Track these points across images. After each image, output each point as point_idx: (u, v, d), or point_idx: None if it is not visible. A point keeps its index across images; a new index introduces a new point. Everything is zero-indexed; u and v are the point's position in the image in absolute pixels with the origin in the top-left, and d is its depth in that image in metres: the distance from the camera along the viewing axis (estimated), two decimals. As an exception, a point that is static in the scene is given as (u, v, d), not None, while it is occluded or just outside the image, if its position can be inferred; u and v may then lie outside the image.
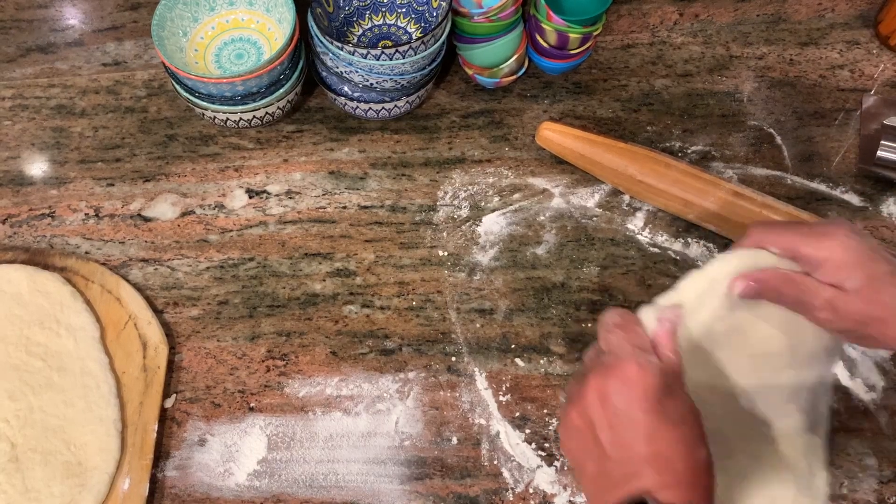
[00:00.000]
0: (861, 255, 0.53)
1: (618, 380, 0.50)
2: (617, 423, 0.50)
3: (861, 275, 0.53)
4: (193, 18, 0.80)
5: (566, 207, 0.78)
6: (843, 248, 0.54)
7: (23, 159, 0.81)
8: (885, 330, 0.53)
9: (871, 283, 0.53)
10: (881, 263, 0.53)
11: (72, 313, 0.70)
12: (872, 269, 0.53)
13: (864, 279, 0.53)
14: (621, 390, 0.50)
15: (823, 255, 0.54)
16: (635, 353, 0.51)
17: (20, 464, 0.63)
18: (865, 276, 0.53)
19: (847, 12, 0.89)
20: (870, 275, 0.53)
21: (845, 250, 0.54)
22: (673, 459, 0.49)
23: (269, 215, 0.77)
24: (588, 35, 0.79)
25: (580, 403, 0.52)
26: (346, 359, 0.70)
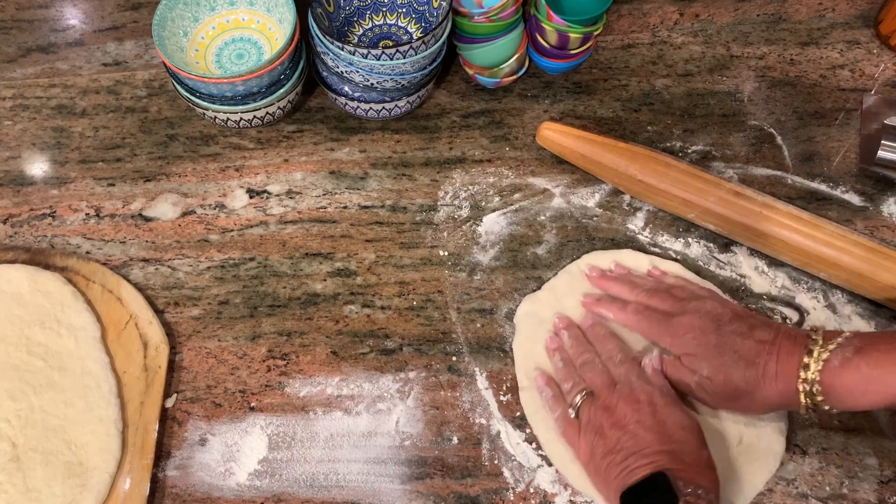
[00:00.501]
0: (706, 346, 0.62)
1: (629, 401, 0.61)
2: (627, 425, 0.59)
3: (707, 366, 0.61)
4: (194, 18, 0.80)
5: (567, 207, 0.78)
6: (689, 344, 0.63)
7: (23, 159, 0.81)
8: (750, 405, 0.61)
9: (719, 369, 0.61)
10: (726, 346, 0.61)
11: (72, 313, 0.70)
12: (717, 358, 0.61)
13: (711, 368, 0.61)
14: (631, 406, 0.60)
15: (677, 351, 0.64)
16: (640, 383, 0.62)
17: (21, 463, 0.63)
18: (711, 367, 0.61)
19: (847, 12, 0.89)
20: (716, 364, 0.61)
21: (692, 345, 0.62)
22: (684, 452, 0.57)
23: (270, 215, 0.77)
24: (588, 35, 0.79)
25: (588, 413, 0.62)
26: (346, 358, 0.70)
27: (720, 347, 0.61)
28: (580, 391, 0.63)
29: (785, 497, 0.64)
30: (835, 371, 0.57)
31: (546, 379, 0.67)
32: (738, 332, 0.61)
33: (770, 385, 0.59)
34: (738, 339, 0.61)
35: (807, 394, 0.58)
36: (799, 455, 0.65)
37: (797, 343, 0.59)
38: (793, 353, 0.59)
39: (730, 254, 0.75)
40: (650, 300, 0.68)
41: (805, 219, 0.71)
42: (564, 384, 0.66)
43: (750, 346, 0.60)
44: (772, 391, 0.59)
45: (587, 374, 0.65)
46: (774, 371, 0.59)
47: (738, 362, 0.60)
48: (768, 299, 0.72)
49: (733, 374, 0.60)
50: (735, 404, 0.62)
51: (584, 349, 0.67)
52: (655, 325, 0.65)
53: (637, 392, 0.61)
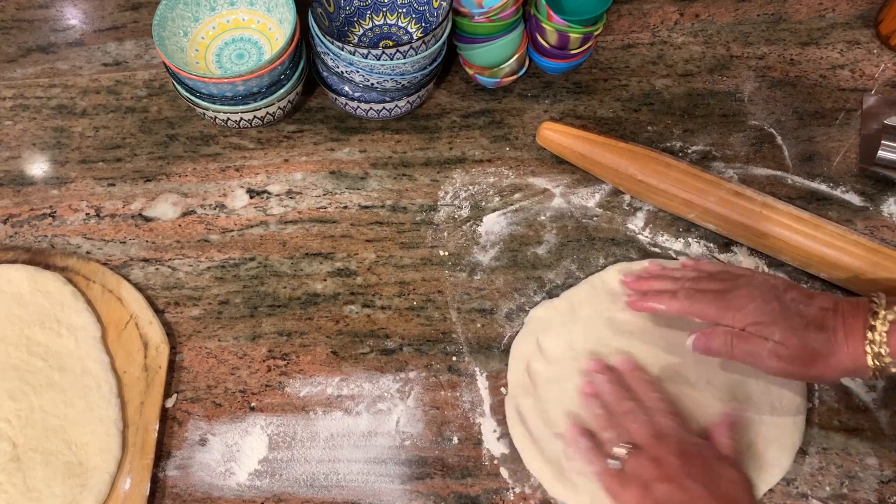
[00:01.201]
0: (772, 312, 0.60)
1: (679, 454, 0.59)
2: (677, 478, 0.57)
3: (779, 329, 0.60)
4: (194, 18, 0.80)
5: (567, 207, 0.78)
6: (754, 313, 0.61)
7: (24, 159, 0.81)
8: (824, 370, 0.60)
9: (791, 333, 0.59)
10: (791, 311, 0.60)
11: (73, 313, 0.70)
12: (788, 321, 0.60)
13: (783, 332, 0.59)
14: (682, 459, 0.58)
15: (742, 324, 0.61)
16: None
17: (21, 463, 0.63)
18: (783, 329, 0.59)
19: (847, 12, 0.89)
20: (786, 327, 0.59)
21: (757, 314, 0.60)
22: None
23: (270, 215, 0.78)
24: (589, 35, 0.79)
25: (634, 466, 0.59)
26: (346, 358, 0.70)
27: (786, 313, 0.60)
28: (623, 442, 0.60)
29: (785, 497, 0.64)
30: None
31: (579, 429, 0.64)
32: (798, 300, 0.61)
33: (842, 348, 0.58)
34: (800, 306, 0.60)
35: (874, 355, 0.57)
36: (799, 455, 0.65)
37: (859, 308, 0.59)
38: (856, 317, 0.58)
39: (730, 254, 0.75)
40: (698, 283, 0.65)
41: (805, 219, 0.71)
42: (605, 433, 0.62)
43: (815, 312, 0.60)
44: (844, 355, 0.58)
45: (631, 423, 0.62)
46: (843, 334, 0.58)
47: (809, 326, 0.59)
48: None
49: (807, 336, 0.59)
50: (811, 370, 0.60)
51: (624, 396, 0.64)
52: (713, 303, 0.63)
53: (687, 445, 0.59)
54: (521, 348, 0.70)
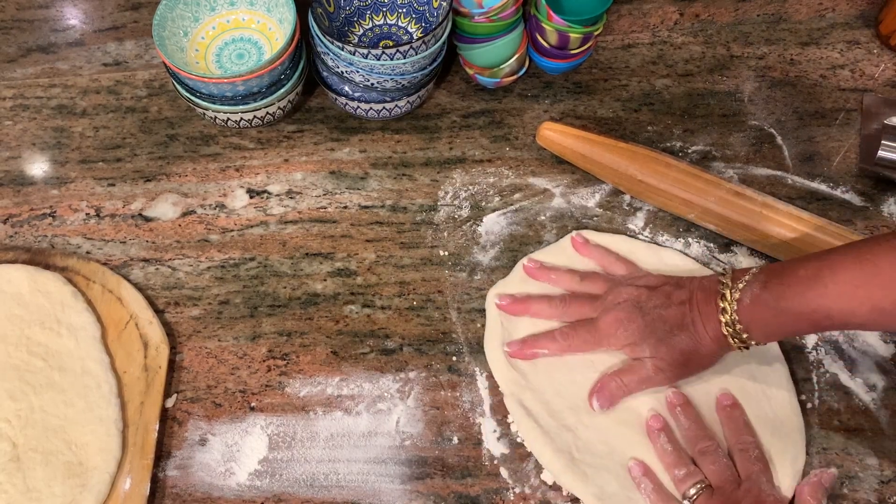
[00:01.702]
0: (638, 330, 0.64)
1: (756, 502, 0.59)
2: None
3: (649, 346, 0.63)
4: (194, 18, 0.80)
5: (567, 207, 0.78)
6: (624, 336, 0.64)
7: (24, 159, 0.81)
8: (700, 361, 0.64)
9: (659, 344, 0.63)
10: (654, 322, 0.63)
11: (73, 313, 0.70)
12: (653, 334, 0.63)
13: (652, 346, 0.63)
14: None
15: (618, 347, 0.66)
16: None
17: (21, 463, 0.63)
18: (652, 344, 0.63)
19: (847, 12, 0.89)
20: (654, 340, 0.63)
21: (626, 336, 0.64)
22: None
23: (270, 215, 0.78)
24: (589, 35, 0.79)
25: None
26: (346, 358, 0.70)
27: (650, 326, 0.63)
28: (697, 482, 0.60)
29: (785, 497, 0.64)
30: (748, 309, 0.59)
31: (643, 468, 0.62)
32: (658, 306, 0.64)
33: (704, 337, 0.61)
34: (661, 311, 0.63)
35: (732, 335, 0.60)
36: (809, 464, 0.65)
37: (710, 292, 0.62)
38: (709, 302, 0.61)
39: (730, 254, 0.75)
40: (569, 311, 0.68)
41: (805, 219, 0.71)
42: (676, 470, 0.61)
43: (674, 312, 0.63)
44: (708, 341, 0.61)
45: (709, 464, 0.61)
46: (702, 323, 0.61)
47: (672, 330, 0.62)
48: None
49: (672, 342, 0.62)
50: (689, 367, 0.64)
51: (705, 435, 0.63)
52: (588, 339, 0.67)
53: (764, 495, 0.59)
54: (493, 343, 0.69)
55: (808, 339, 0.70)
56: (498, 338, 0.69)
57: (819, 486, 0.61)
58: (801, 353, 0.70)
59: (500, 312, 0.70)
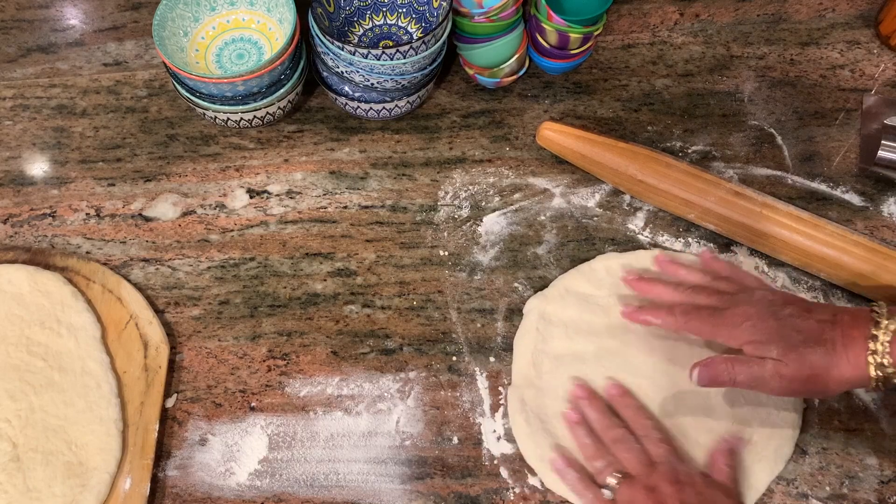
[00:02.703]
0: (769, 330, 0.60)
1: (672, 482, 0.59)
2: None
3: (776, 347, 0.59)
4: (194, 18, 0.80)
5: (567, 207, 0.78)
6: (750, 331, 0.60)
7: (24, 159, 0.81)
8: (826, 384, 0.59)
9: (789, 349, 0.58)
10: (788, 328, 0.59)
11: (73, 313, 0.70)
12: (784, 338, 0.59)
13: (781, 349, 0.59)
14: (674, 487, 0.58)
15: (738, 342, 0.61)
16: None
17: (21, 464, 0.63)
18: (781, 347, 0.59)
19: (847, 12, 0.89)
20: (784, 344, 0.59)
21: (753, 332, 0.60)
22: None
23: (270, 215, 0.78)
24: (589, 35, 0.79)
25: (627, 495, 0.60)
26: (346, 358, 0.70)
27: (783, 329, 0.59)
28: (614, 471, 0.61)
29: (785, 497, 0.64)
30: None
31: (566, 460, 0.63)
32: (795, 315, 0.60)
33: (842, 360, 0.57)
34: (797, 320, 0.59)
35: (877, 366, 0.56)
36: (799, 455, 0.65)
37: (859, 317, 0.58)
38: (856, 327, 0.58)
39: (730, 254, 0.75)
40: (696, 298, 0.65)
41: (805, 219, 0.71)
42: (595, 462, 0.62)
43: (812, 325, 0.59)
44: (845, 367, 0.57)
45: (621, 452, 0.62)
46: (843, 346, 0.57)
47: (807, 341, 0.58)
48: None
49: (806, 352, 0.58)
50: (811, 384, 0.59)
51: (613, 423, 0.63)
52: (709, 321, 0.63)
53: (679, 473, 0.59)
54: (525, 341, 0.70)
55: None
56: (531, 339, 0.69)
57: (730, 453, 0.63)
58: (801, 353, 0.70)
59: (538, 319, 0.70)
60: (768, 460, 0.64)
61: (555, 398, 0.67)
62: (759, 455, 0.64)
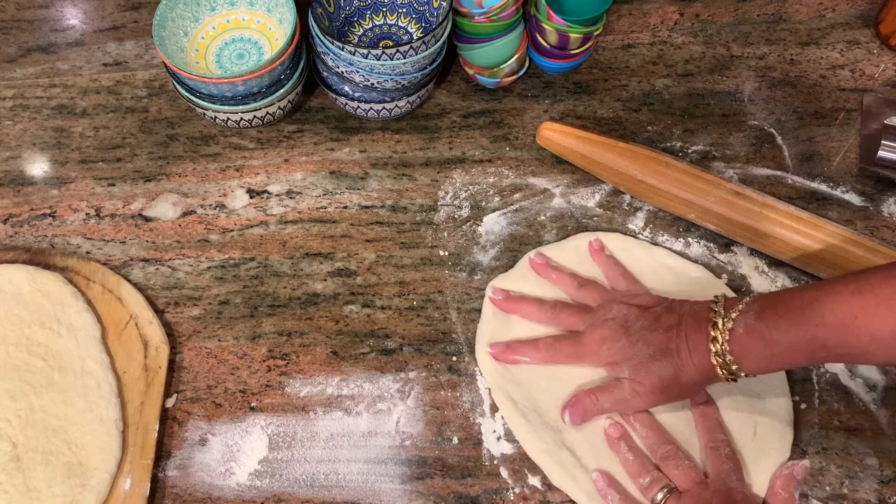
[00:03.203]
0: (622, 350, 0.63)
1: (726, 501, 0.59)
2: None
3: (628, 367, 0.62)
4: (194, 18, 0.80)
5: (567, 207, 0.78)
6: (606, 354, 0.64)
7: (24, 159, 0.81)
8: (679, 390, 0.62)
9: (639, 367, 0.62)
10: (639, 343, 0.62)
11: (73, 313, 0.70)
12: (635, 356, 0.62)
13: (632, 368, 0.62)
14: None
15: (601, 365, 0.65)
16: None
17: (21, 464, 0.63)
18: (632, 366, 0.62)
19: (847, 12, 0.89)
20: (634, 363, 0.62)
21: (609, 354, 0.64)
22: None
23: (270, 215, 0.78)
24: (589, 35, 0.79)
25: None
26: (346, 358, 0.70)
27: (633, 347, 0.62)
28: (663, 486, 0.60)
29: (785, 497, 0.64)
30: (740, 339, 0.57)
31: (607, 479, 0.62)
32: (645, 328, 0.62)
33: (688, 365, 0.59)
34: (647, 333, 0.62)
35: (721, 365, 0.58)
36: (799, 455, 0.65)
37: (701, 319, 0.60)
38: (699, 330, 0.59)
39: (730, 254, 0.75)
40: (558, 319, 0.68)
41: (805, 219, 0.71)
42: (641, 478, 0.62)
43: (659, 337, 0.61)
44: (692, 370, 0.59)
45: (672, 469, 0.61)
46: (687, 351, 0.59)
47: (654, 355, 0.61)
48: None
49: (652, 366, 0.61)
50: (666, 394, 0.62)
51: (665, 440, 0.63)
52: (571, 353, 0.66)
53: (734, 493, 0.59)
54: (484, 331, 0.70)
55: (808, 339, 0.70)
56: (489, 331, 0.70)
57: (791, 479, 0.62)
58: (801, 353, 0.70)
59: (493, 307, 0.70)
60: (777, 449, 0.64)
61: (540, 389, 0.67)
62: (767, 447, 0.64)
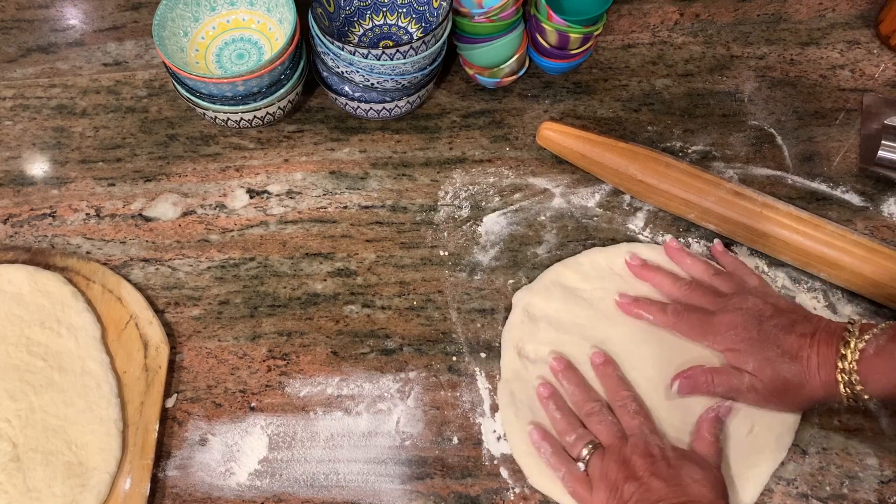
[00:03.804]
0: (750, 342, 0.62)
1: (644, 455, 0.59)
2: (642, 478, 0.58)
3: (753, 360, 0.62)
4: (194, 18, 0.80)
5: (567, 207, 0.78)
6: (731, 340, 0.63)
7: (24, 159, 0.81)
8: (796, 399, 0.62)
9: (766, 364, 0.61)
10: (769, 341, 0.61)
11: (73, 313, 0.70)
12: (763, 352, 0.61)
13: (757, 363, 0.62)
14: (646, 460, 0.59)
15: (720, 348, 0.64)
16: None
17: (21, 464, 0.63)
18: (757, 361, 0.62)
19: (848, 12, 0.89)
20: (761, 358, 0.61)
21: (735, 341, 0.63)
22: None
23: (270, 215, 0.78)
24: (589, 35, 0.79)
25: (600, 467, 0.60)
26: (346, 358, 0.70)
27: (763, 343, 0.62)
28: (587, 443, 0.62)
29: (785, 497, 0.64)
30: (870, 359, 0.57)
31: (541, 433, 0.64)
32: (779, 327, 0.62)
33: (814, 378, 0.60)
34: (780, 333, 0.62)
35: (846, 384, 0.58)
36: (799, 455, 0.65)
37: (835, 335, 0.60)
38: (830, 345, 0.60)
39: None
40: (691, 295, 0.68)
41: (805, 219, 0.71)
42: (567, 436, 0.63)
43: (792, 341, 0.61)
44: (816, 384, 0.60)
45: (595, 424, 0.63)
46: (816, 363, 0.60)
47: (783, 357, 0.61)
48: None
49: (780, 368, 0.61)
50: (782, 399, 0.62)
51: (589, 397, 0.64)
52: (697, 326, 0.66)
53: (651, 446, 0.60)
54: (511, 334, 0.70)
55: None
56: (516, 335, 0.70)
57: (716, 421, 0.63)
58: (801, 353, 0.70)
59: (523, 312, 0.70)
60: (770, 450, 0.64)
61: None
62: (761, 445, 0.64)
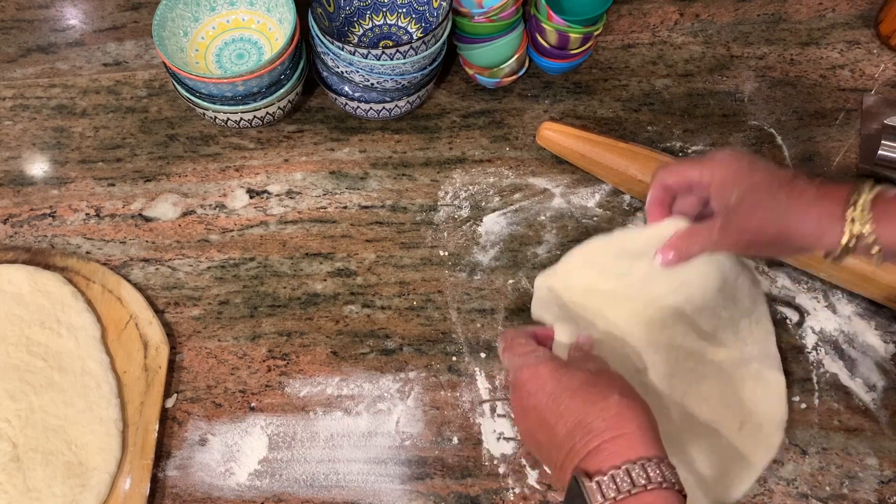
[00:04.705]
0: (738, 171, 0.58)
1: (519, 388, 0.56)
2: (537, 416, 0.54)
3: (739, 189, 0.57)
4: (194, 18, 0.80)
5: (567, 207, 0.78)
6: (722, 167, 0.59)
7: (24, 159, 0.81)
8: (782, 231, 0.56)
9: (750, 193, 0.57)
10: (757, 174, 0.58)
11: (73, 313, 0.70)
12: (749, 182, 0.57)
13: (742, 192, 0.57)
14: (525, 392, 0.55)
15: (707, 176, 0.60)
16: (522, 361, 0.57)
17: (21, 464, 0.63)
18: (743, 189, 0.57)
19: (847, 12, 0.89)
20: (747, 187, 0.57)
21: (724, 169, 0.59)
22: (586, 422, 0.51)
23: (270, 215, 0.78)
24: (588, 35, 0.79)
25: (515, 411, 0.57)
26: (346, 359, 0.70)
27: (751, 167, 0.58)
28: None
29: (785, 497, 0.64)
30: (891, 201, 0.52)
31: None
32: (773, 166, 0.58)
33: (810, 206, 0.55)
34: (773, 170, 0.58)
35: (855, 218, 0.52)
36: (799, 455, 0.65)
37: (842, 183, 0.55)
38: (837, 182, 0.55)
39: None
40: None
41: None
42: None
43: (784, 174, 0.57)
44: (812, 213, 0.54)
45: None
46: (816, 191, 0.55)
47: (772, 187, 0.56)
48: (768, 299, 0.72)
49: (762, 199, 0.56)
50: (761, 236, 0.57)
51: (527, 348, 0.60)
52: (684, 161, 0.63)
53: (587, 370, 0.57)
54: (543, 290, 0.67)
55: (808, 339, 0.70)
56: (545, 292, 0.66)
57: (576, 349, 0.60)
58: (800, 353, 0.70)
59: (549, 289, 0.66)
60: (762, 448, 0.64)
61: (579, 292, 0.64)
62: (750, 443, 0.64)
